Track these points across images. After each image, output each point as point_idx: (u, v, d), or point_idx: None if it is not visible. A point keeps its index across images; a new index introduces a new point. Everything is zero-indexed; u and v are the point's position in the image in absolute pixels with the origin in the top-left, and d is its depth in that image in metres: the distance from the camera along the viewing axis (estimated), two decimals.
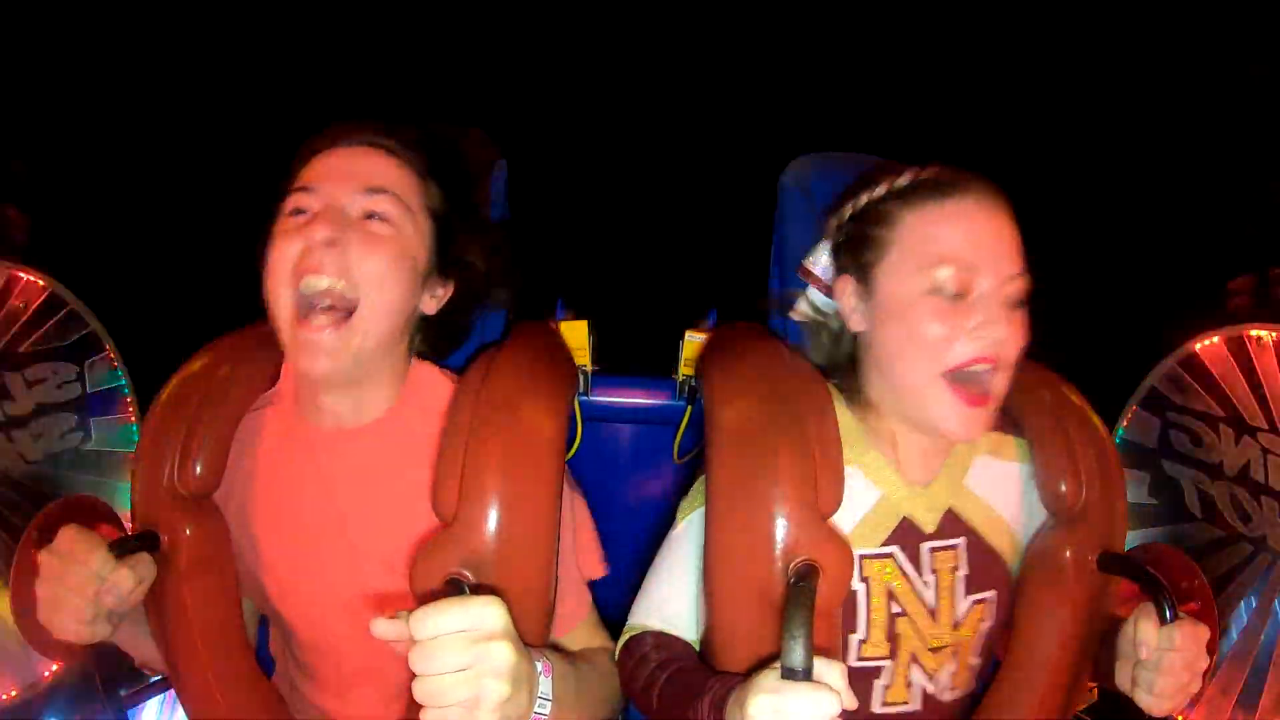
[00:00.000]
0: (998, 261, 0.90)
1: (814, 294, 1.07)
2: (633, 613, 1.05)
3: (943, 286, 0.90)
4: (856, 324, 0.99)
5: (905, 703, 1.00)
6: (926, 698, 1.01)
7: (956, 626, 1.00)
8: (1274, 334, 1.66)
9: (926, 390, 0.92)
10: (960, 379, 0.91)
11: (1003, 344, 0.90)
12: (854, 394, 1.03)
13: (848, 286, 0.99)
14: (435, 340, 1.07)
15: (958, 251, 0.90)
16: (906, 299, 0.92)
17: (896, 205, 0.95)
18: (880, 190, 0.97)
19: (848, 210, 1.00)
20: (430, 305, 1.01)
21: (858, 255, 0.98)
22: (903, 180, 0.96)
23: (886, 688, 0.99)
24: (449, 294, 1.03)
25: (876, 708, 1.00)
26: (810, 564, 0.87)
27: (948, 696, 1.02)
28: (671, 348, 1.44)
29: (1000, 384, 0.92)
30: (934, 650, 0.99)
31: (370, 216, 0.93)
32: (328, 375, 0.92)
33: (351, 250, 0.90)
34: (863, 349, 1.01)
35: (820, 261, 1.05)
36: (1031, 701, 1.04)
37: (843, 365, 1.05)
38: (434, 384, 1.03)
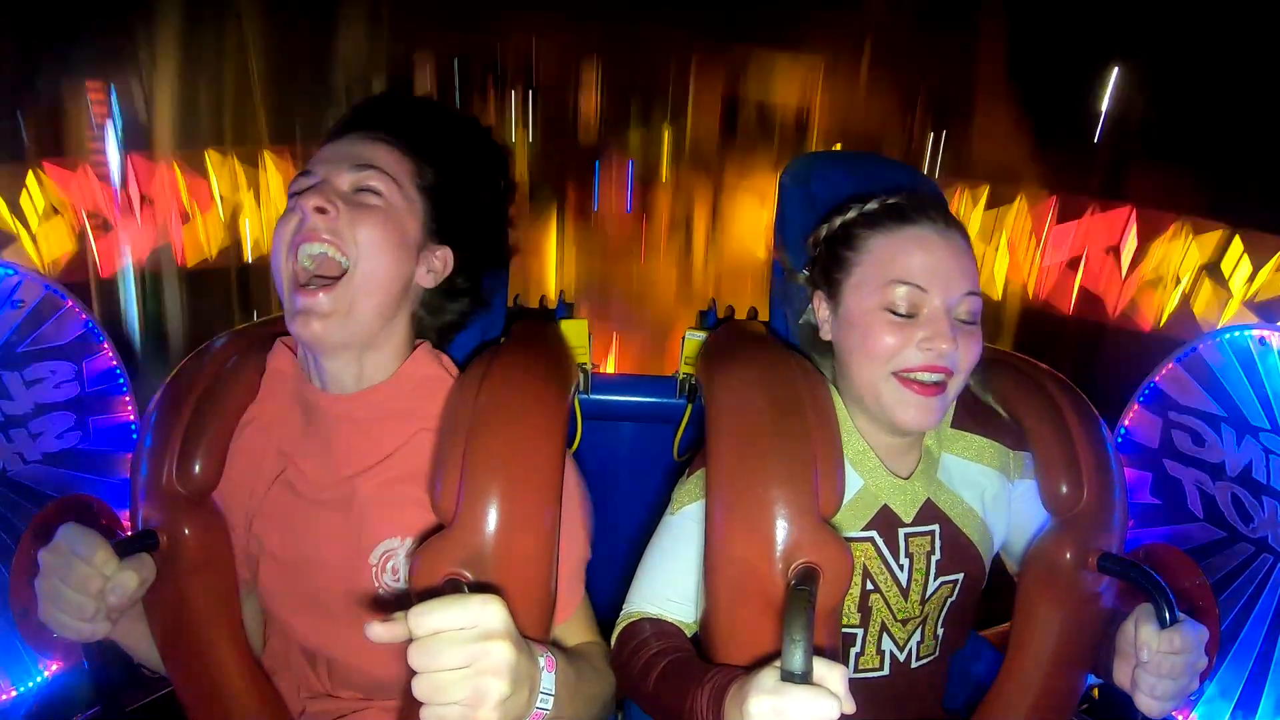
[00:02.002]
0: (948, 283, 0.99)
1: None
2: (629, 599, 1.07)
3: (896, 303, 0.99)
4: (825, 334, 1.08)
5: (877, 669, 1.08)
6: (895, 664, 1.08)
7: (924, 601, 1.07)
8: (1276, 334, 1.66)
9: (880, 385, 1.00)
10: (911, 377, 0.99)
11: (949, 356, 0.98)
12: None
13: (821, 301, 1.08)
14: (440, 322, 1.09)
15: (911, 274, 0.99)
16: (865, 312, 1.01)
17: (863, 229, 1.04)
18: (850, 215, 1.06)
19: (823, 232, 1.09)
20: (428, 279, 1.04)
21: (828, 273, 1.06)
22: (870, 206, 1.05)
23: (859, 655, 1.07)
24: (448, 268, 1.05)
25: (850, 674, 1.02)
26: (810, 567, 0.87)
27: (915, 664, 1.09)
28: (671, 348, 1.44)
29: (952, 386, 1.00)
30: (903, 622, 1.07)
31: (360, 190, 0.98)
32: (322, 338, 0.95)
33: (342, 218, 0.95)
34: (834, 356, 1.08)
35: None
36: (1031, 701, 1.04)
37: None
38: (434, 361, 1.05)
